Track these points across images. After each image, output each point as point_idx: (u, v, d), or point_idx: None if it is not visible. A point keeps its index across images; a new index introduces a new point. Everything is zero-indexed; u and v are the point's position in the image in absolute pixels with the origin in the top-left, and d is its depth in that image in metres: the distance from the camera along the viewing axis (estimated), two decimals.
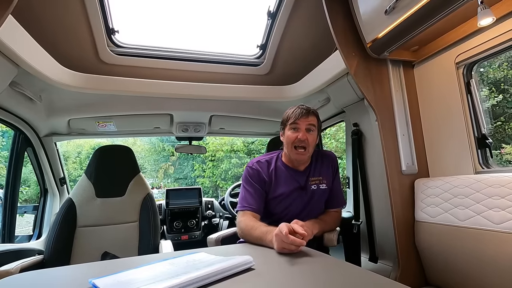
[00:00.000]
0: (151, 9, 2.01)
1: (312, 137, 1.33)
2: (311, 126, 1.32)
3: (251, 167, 1.39)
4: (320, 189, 1.39)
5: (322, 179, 1.40)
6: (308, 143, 1.31)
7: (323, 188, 1.40)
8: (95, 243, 1.70)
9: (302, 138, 1.29)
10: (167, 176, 12.32)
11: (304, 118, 1.31)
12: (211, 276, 0.62)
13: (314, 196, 1.37)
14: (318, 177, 1.40)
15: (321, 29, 1.84)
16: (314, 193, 1.38)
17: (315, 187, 1.38)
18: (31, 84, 1.55)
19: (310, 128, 1.32)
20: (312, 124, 1.33)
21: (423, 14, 1.09)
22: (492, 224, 1.05)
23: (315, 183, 1.39)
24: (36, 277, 0.75)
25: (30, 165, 2.16)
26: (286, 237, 0.90)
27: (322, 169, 1.43)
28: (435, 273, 1.29)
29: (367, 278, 0.67)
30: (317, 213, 1.41)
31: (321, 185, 1.39)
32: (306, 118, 1.32)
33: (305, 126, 1.31)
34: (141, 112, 2.08)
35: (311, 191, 1.37)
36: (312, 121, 1.33)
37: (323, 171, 1.42)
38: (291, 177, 1.37)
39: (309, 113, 1.33)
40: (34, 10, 1.52)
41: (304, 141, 1.30)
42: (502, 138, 5.73)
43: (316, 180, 1.39)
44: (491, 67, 5.72)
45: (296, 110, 1.34)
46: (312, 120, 1.33)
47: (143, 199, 1.83)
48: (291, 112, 1.35)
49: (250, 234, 1.15)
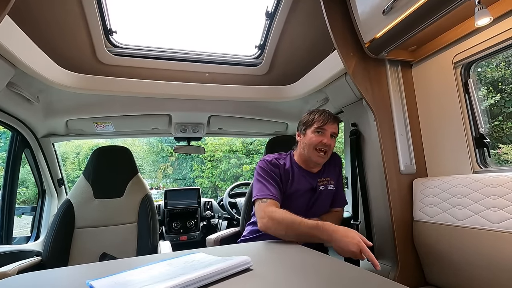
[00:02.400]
0: (148, 9, 2.01)
1: (333, 143, 1.38)
2: (334, 134, 1.37)
3: (268, 161, 1.39)
4: (327, 190, 1.41)
5: (330, 180, 1.43)
6: (330, 148, 1.35)
7: (331, 189, 1.42)
8: (94, 244, 1.69)
9: (328, 143, 1.33)
10: (166, 176, 12.31)
11: (331, 124, 1.35)
12: (209, 276, 0.62)
13: (321, 196, 1.39)
14: (327, 178, 1.43)
15: (319, 29, 1.84)
16: (322, 193, 1.40)
17: (323, 188, 1.40)
18: (28, 85, 1.54)
19: (333, 134, 1.37)
20: (336, 131, 1.38)
21: (421, 14, 1.10)
22: (490, 223, 1.05)
23: (323, 183, 1.41)
24: (34, 278, 0.74)
25: (28, 166, 2.15)
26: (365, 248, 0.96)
27: (330, 170, 1.46)
28: (434, 272, 1.29)
29: (366, 278, 0.67)
30: (321, 212, 1.43)
31: (329, 185, 1.42)
32: (332, 124, 1.36)
33: (331, 131, 1.35)
34: (139, 113, 2.07)
35: (319, 191, 1.39)
36: (335, 128, 1.38)
37: (330, 172, 1.46)
38: (305, 178, 1.39)
39: (334, 120, 1.38)
40: (31, 10, 1.52)
41: (328, 145, 1.34)
42: (500, 137, 5.76)
43: (325, 181, 1.42)
44: (488, 67, 5.74)
45: (324, 114, 1.37)
46: (336, 127, 1.38)
47: (142, 200, 1.83)
48: (318, 116, 1.37)
49: (293, 227, 1.09)
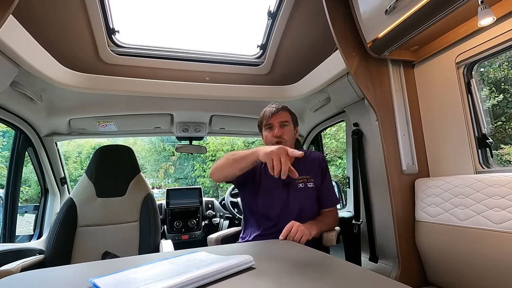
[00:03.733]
0: (151, 9, 2.01)
1: (288, 131, 1.38)
2: (284, 122, 1.37)
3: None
4: (308, 187, 1.41)
5: (310, 178, 1.43)
6: (284, 137, 1.35)
7: (311, 187, 1.42)
8: (96, 243, 1.70)
9: (277, 134, 1.34)
10: (168, 176, 12.33)
11: (275, 116, 1.37)
12: (211, 275, 0.62)
13: (300, 193, 1.39)
14: (306, 176, 1.43)
15: (321, 29, 1.84)
16: (303, 191, 1.40)
17: (303, 185, 1.41)
18: (31, 84, 1.55)
19: (283, 123, 1.37)
20: (285, 119, 1.38)
21: (424, 14, 1.09)
22: (493, 224, 1.05)
23: (302, 181, 1.41)
24: (37, 276, 0.75)
25: (30, 165, 2.16)
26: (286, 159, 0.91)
27: (310, 168, 1.45)
28: (435, 272, 1.29)
29: (367, 277, 0.67)
30: (311, 212, 1.42)
31: (308, 183, 1.42)
32: (277, 114, 1.37)
33: (278, 122, 1.36)
34: (142, 112, 2.08)
35: (299, 189, 1.39)
36: (284, 116, 1.38)
37: (311, 170, 1.45)
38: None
39: (279, 110, 1.38)
40: (34, 10, 1.53)
41: (280, 136, 1.34)
42: (503, 138, 5.73)
43: (304, 179, 1.42)
44: (491, 67, 5.71)
45: (266, 110, 1.40)
46: (283, 115, 1.38)
47: (144, 199, 1.83)
48: (263, 114, 1.41)
49: (229, 155, 1.16)
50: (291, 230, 1.15)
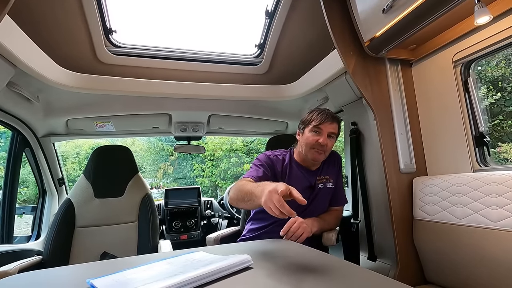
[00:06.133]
0: (148, 8, 2.01)
1: (331, 143, 1.36)
2: (333, 133, 1.35)
3: (268, 155, 1.40)
4: (326, 188, 1.41)
5: (329, 178, 1.43)
6: (327, 148, 1.34)
7: (330, 187, 1.42)
8: (94, 244, 1.70)
9: (323, 143, 1.31)
10: (166, 176, 12.31)
11: (328, 124, 1.33)
12: (209, 275, 0.62)
13: (319, 194, 1.40)
14: (326, 176, 1.43)
15: (319, 28, 1.84)
16: (320, 191, 1.40)
17: (322, 186, 1.41)
18: (28, 85, 1.54)
19: (331, 134, 1.35)
20: (334, 132, 1.36)
21: (421, 12, 1.09)
22: (490, 222, 1.05)
23: (322, 181, 1.41)
24: (35, 277, 0.74)
25: (28, 165, 2.15)
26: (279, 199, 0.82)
27: (329, 168, 1.46)
28: (434, 271, 1.29)
29: (366, 276, 0.68)
30: (320, 211, 1.42)
31: (328, 183, 1.42)
32: (330, 124, 1.34)
33: (328, 131, 1.33)
34: (139, 112, 2.07)
35: (318, 189, 1.39)
36: (334, 128, 1.35)
37: (329, 170, 1.46)
38: (303, 176, 1.39)
39: (333, 120, 1.35)
40: (31, 10, 1.52)
41: (324, 146, 1.32)
42: (500, 136, 5.75)
43: (324, 179, 1.42)
44: (488, 66, 5.73)
45: (322, 113, 1.35)
46: (334, 127, 1.36)
47: (142, 199, 1.83)
48: (317, 115, 1.36)
49: (241, 189, 1.08)
50: (293, 226, 1.14)
